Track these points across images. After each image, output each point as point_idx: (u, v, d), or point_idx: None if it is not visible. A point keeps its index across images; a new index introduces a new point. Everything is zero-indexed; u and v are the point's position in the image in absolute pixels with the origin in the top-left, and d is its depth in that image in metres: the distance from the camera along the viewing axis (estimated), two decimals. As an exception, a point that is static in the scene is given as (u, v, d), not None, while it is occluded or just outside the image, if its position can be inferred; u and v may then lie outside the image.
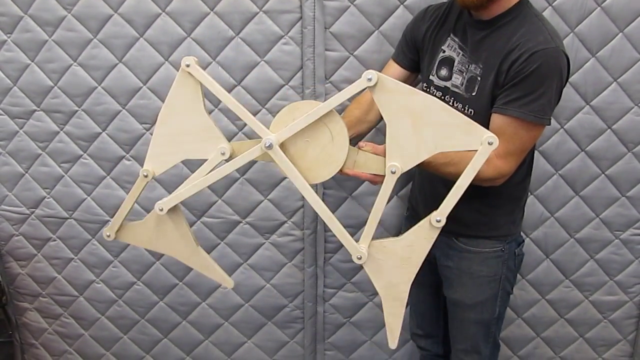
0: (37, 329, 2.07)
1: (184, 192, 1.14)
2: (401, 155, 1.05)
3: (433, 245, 1.51)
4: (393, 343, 1.15)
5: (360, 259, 1.10)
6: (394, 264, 1.11)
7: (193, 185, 1.13)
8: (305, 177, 1.09)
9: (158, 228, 1.19)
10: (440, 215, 1.04)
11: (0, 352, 1.98)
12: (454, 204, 1.04)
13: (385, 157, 1.08)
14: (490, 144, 1.01)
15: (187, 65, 1.06)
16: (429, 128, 1.02)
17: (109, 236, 1.22)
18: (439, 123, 1.02)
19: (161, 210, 1.15)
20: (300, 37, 1.63)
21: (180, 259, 1.22)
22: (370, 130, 1.60)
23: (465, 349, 1.57)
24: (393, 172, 1.05)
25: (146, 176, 1.15)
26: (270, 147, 1.07)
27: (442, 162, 1.21)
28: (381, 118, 1.52)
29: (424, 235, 1.07)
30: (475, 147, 1.02)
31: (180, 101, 1.10)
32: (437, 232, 1.06)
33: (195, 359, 2.04)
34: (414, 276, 1.11)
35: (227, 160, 1.12)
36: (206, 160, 1.12)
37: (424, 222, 1.06)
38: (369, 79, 1.01)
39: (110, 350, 2.05)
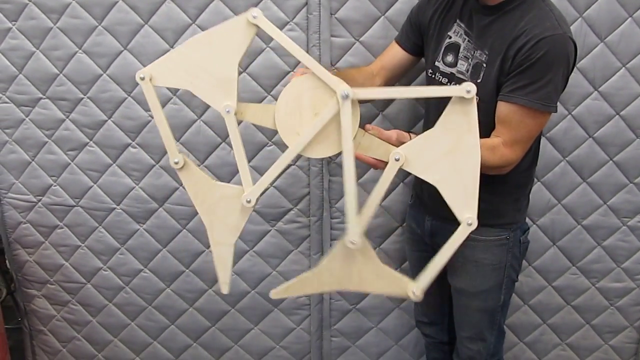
0: (46, 315, 2.08)
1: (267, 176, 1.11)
2: (415, 154, 1.02)
3: (438, 234, 1.52)
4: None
5: (354, 244, 1.08)
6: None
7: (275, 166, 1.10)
8: (308, 150, 1.06)
9: (220, 201, 1.13)
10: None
11: (9, 338, 1.99)
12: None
13: (388, 142, 1.07)
14: (469, 224, 1.01)
15: (254, 17, 1.02)
16: (451, 161, 1.01)
17: (177, 163, 1.11)
18: (461, 169, 1.00)
19: (249, 202, 1.10)
20: (305, 23, 1.62)
21: (210, 237, 1.16)
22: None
23: (470, 336, 1.58)
24: (397, 160, 1.03)
25: (143, 79, 1.08)
26: (347, 97, 1.00)
27: None
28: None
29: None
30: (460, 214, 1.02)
31: (224, 41, 1.05)
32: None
33: (202, 345, 2.05)
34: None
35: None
36: (208, 105, 1.09)
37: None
38: (468, 91, 0.96)
39: (117, 337, 2.07)
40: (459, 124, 0.99)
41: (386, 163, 1.05)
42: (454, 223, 1.02)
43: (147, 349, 2.07)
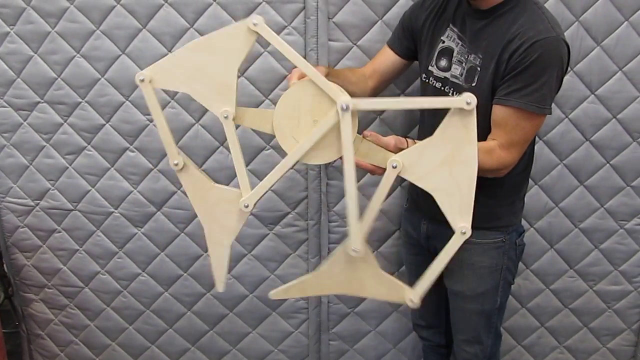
0: (43, 319, 2.08)
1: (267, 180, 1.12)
2: (412, 162, 1.03)
3: (434, 237, 1.53)
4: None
5: (356, 252, 1.09)
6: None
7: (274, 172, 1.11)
8: (306, 157, 1.07)
9: (218, 203, 1.14)
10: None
11: (7, 342, 1.99)
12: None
13: (386, 149, 1.07)
14: (463, 233, 1.02)
15: (255, 24, 1.02)
16: (448, 171, 1.01)
17: (176, 164, 1.12)
18: (458, 179, 1.01)
19: (246, 207, 1.11)
20: (303, 27, 1.62)
21: (207, 237, 1.17)
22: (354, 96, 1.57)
23: (467, 339, 1.58)
24: (394, 167, 1.03)
25: (142, 80, 1.08)
26: (347, 109, 1.00)
27: None
28: (374, 93, 1.52)
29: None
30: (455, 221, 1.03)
31: (224, 46, 1.05)
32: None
33: (200, 349, 2.05)
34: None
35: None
36: (206, 109, 1.09)
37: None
38: (468, 103, 0.96)
39: (115, 341, 2.07)
40: (458, 134, 0.99)
41: (384, 169, 1.05)
42: (450, 226, 1.02)
43: (145, 353, 2.07)
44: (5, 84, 1.75)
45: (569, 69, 1.43)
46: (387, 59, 1.52)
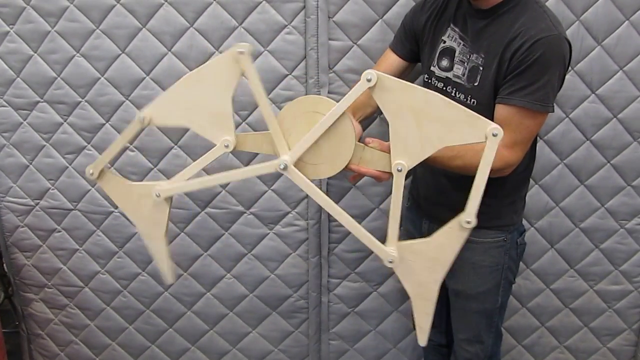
0: (43, 319, 2.08)
1: (187, 184, 1.13)
2: (406, 152, 1.04)
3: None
4: (423, 341, 1.14)
5: (391, 262, 1.09)
6: (423, 265, 1.10)
7: (200, 180, 1.13)
8: (311, 173, 1.09)
9: (139, 200, 1.19)
10: (469, 216, 1.02)
11: (7, 342, 1.98)
12: (478, 203, 1.02)
13: (389, 154, 1.07)
14: (494, 135, 0.99)
15: (241, 53, 1.04)
16: (432, 123, 1.01)
17: (92, 174, 1.21)
18: (441, 117, 1.00)
19: (158, 196, 1.15)
20: (303, 26, 1.62)
21: (140, 234, 1.25)
22: (375, 113, 1.58)
23: (468, 338, 1.58)
24: (399, 170, 1.04)
25: (142, 121, 1.11)
26: (285, 168, 1.07)
27: (448, 156, 1.21)
28: None
29: (454, 236, 1.06)
30: (480, 139, 1.00)
31: (215, 77, 1.08)
32: (467, 232, 1.04)
33: (200, 349, 2.05)
34: (444, 275, 1.10)
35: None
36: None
37: (453, 224, 1.05)
38: (369, 80, 1.00)
39: (115, 341, 2.07)
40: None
41: (389, 174, 1.06)
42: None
43: (145, 353, 2.07)
44: (5, 83, 1.75)
45: (569, 68, 1.43)
46: (392, 63, 1.51)
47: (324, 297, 1.93)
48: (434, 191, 1.50)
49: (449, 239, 1.06)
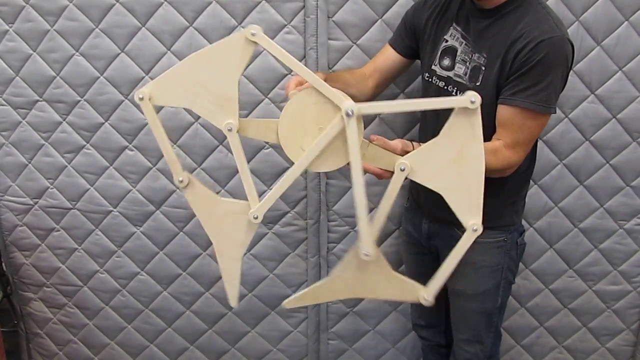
0: (42, 318, 2.08)
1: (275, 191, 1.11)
2: (420, 163, 1.03)
3: (435, 236, 1.53)
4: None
5: (367, 255, 1.09)
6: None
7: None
8: (313, 165, 1.07)
9: (225, 216, 1.13)
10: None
11: (5, 341, 1.98)
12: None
13: (393, 152, 1.07)
14: (474, 230, 1.02)
15: (253, 34, 1.01)
16: (456, 169, 1.01)
17: (181, 181, 1.11)
18: (466, 177, 1.01)
19: (256, 218, 1.11)
20: (303, 26, 1.62)
21: (216, 251, 1.17)
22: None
23: (467, 338, 1.57)
24: (402, 170, 1.03)
25: (142, 99, 1.06)
26: (352, 114, 1.00)
27: None
28: (372, 97, 1.51)
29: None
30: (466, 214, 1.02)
31: (223, 58, 1.04)
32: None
33: (198, 348, 2.04)
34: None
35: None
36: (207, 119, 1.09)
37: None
38: (472, 102, 0.96)
39: (114, 340, 2.06)
40: (464, 133, 0.99)
41: (391, 173, 1.05)
42: (451, 225, 1.03)
43: (144, 352, 2.07)
44: (4, 82, 1.75)
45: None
46: (389, 57, 1.51)
47: (322, 297, 1.92)
48: (434, 191, 1.50)
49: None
